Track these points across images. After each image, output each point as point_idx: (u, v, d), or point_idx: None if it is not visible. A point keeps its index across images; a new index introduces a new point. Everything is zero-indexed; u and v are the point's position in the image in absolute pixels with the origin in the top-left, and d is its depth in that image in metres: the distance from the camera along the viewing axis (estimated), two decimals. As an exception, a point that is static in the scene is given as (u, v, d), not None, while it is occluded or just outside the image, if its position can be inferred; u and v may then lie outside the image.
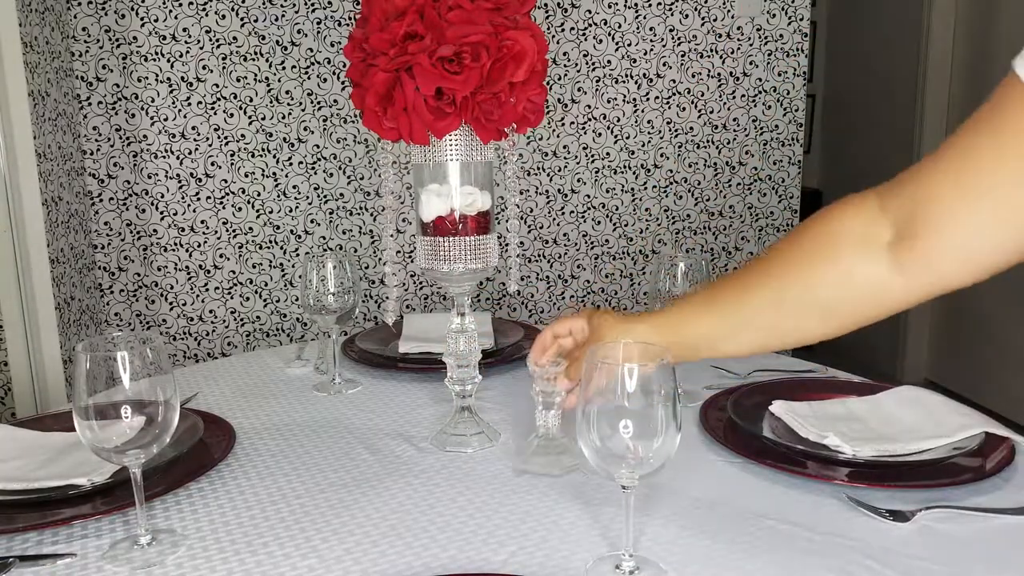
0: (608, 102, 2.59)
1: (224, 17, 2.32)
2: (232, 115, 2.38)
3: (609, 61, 2.56)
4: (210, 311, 2.48)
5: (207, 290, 2.46)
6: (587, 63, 2.55)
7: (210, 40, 2.33)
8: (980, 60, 3.21)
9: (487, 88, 0.89)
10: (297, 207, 2.48)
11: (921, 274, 0.71)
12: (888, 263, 0.72)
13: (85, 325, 2.23)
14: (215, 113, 2.37)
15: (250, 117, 2.39)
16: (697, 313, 0.84)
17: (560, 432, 0.93)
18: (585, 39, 2.54)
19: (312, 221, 2.50)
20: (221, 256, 2.46)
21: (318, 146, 2.46)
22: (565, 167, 2.61)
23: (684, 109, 2.62)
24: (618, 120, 2.60)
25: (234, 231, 2.45)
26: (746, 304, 0.81)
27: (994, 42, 3.12)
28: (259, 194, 2.45)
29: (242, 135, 2.40)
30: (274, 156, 2.43)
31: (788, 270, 0.78)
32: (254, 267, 2.48)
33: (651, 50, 2.57)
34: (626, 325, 0.87)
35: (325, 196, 2.49)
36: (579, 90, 2.57)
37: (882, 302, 0.75)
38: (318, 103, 2.43)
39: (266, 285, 2.50)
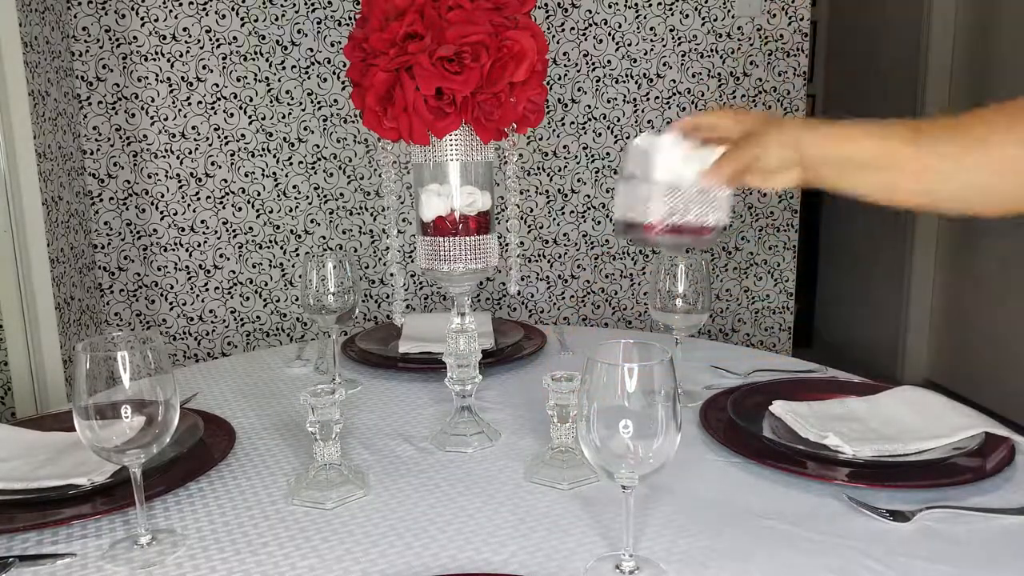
0: (608, 102, 2.59)
1: (224, 17, 2.32)
2: (232, 115, 2.38)
3: (609, 61, 2.56)
4: (210, 311, 2.48)
5: (207, 290, 2.46)
6: (587, 63, 2.55)
7: (210, 40, 2.33)
8: (980, 61, 3.21)
9: (487, 88, 0.89)
10: (297, 207, 2.48)
11: None
12: None
13: (85, 325, 2.23)
14: (215, 113, 2.37)
15: (250, 117, 2.39)
16: (895, 136, 0.73)
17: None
18: (585, 39, 2.54)
19: (312, 221, 2.50)
20: (221, 256, 2.46)
21: (318, 146, 2.46)
22: (565, 167, 2.61)
23: (684, 109, 2.62)
24: (618, 120, 2.60)
25: (234, 231, 2.45)
26: (972, 152, 0.70)
27: (994, 44, 3.12)
28: (259, 194, 2.45)
29: (242, 135, 2.40)
30: (274, 156, 2.43)
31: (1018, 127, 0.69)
32: (254, 267, 2.48)
33: (651, 50, 2.57)
34: (780, 122, 0.78)
35: (325, 196, 2.49)
36: (579, 90, 2.57)
37: None
38: (318, 103, 2.43)
39: (266, 285, 2.50)
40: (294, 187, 2.46)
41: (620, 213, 0.81)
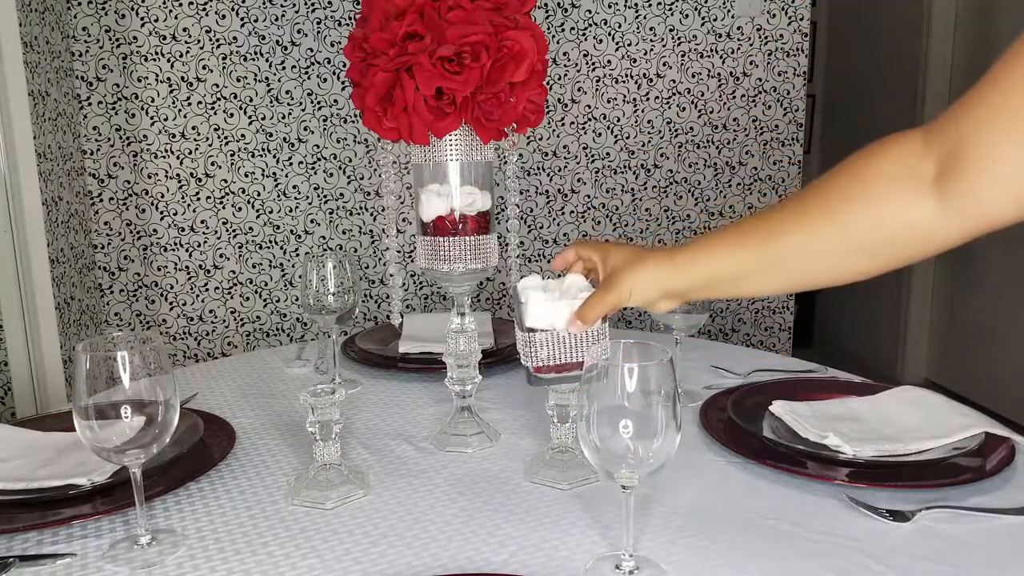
0: (608, 102, 2.59)
1: (224, 17, 2.32)
2: (232, 115, 2.38)
3: (609, 61, 2.56)
4: (210, 311, 2.48)
5: (207, 290, 2.46)
6: (587, 63, 2.55)
7: (210, 40, 2.33)
8: (980, 60, 3.21)
9: (487, 88, 0.89)
10: (297, 207, 2.48)
11: (966, 211, 0.67)
12: (932, 200, 0.68)
13: (85, 325, 2.23)
14: (215, 113, 2.37)
15: (250, 117, 2.39)
16: (721, 250, 0.80)
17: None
18: (585, 39, 2.54)
19: (312, 221, 2.50)
20: (221, 256, 2.46)
21: (318, 146, 2.46)
22: (565, 167, 2.61)
23: (684, 109, 2.62)
24: (618, 120, 2.60)
25: (234, 231, 2.45)
26: (775, 245, 0.77)
27: (994, 42, 3.12)
28: (259, 194, 2.45)
29: (242, 135, 2.40)
30: (274, 156, 2.43)
31: (826, 213, 0.74)
32: (254, 267, 2.48)
33: (651, 50, 2.57)
34: (637, 264, 0.84)
35: (325, 196, 2.49)
36: (579, 90, 2.57)
37: (925, 241, 0.71)
38: (318, 103, 2.43)
39: (266, 285, 2.50)
40: (294, 187, 2.46)
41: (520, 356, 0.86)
